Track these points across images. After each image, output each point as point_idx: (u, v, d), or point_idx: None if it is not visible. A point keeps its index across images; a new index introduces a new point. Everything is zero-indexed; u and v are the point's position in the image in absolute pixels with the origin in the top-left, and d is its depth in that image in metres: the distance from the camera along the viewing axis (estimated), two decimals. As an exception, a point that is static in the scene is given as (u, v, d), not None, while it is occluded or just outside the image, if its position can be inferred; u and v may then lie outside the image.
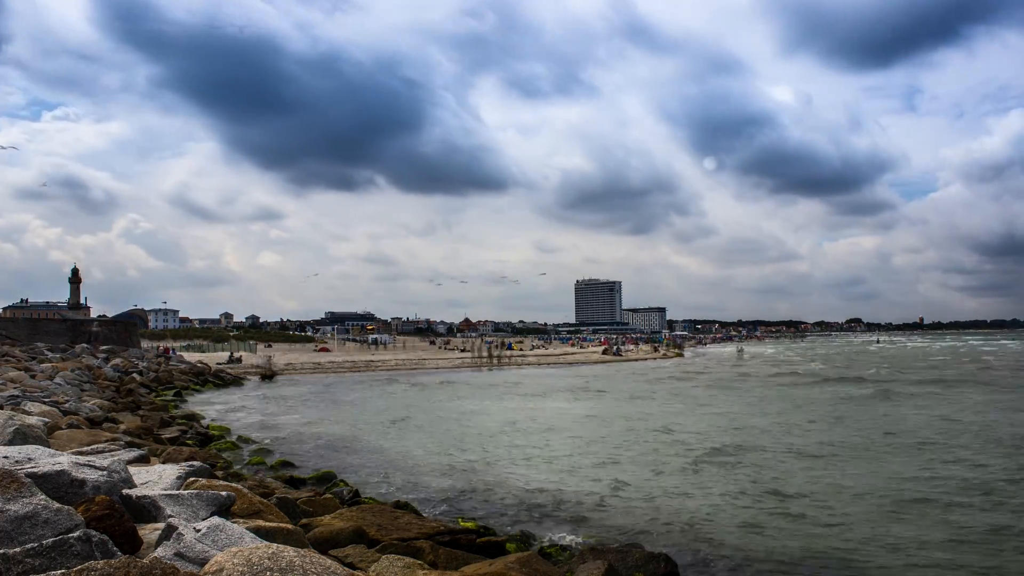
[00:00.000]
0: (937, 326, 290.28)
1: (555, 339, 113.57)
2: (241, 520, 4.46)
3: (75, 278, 68.02)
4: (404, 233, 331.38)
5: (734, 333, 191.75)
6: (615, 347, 67.76)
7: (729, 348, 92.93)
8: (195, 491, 4.56)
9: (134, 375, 26.18)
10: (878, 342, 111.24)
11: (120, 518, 3.51)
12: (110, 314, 66.70)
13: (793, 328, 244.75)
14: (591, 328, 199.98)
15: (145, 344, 53.87)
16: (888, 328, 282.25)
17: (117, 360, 30.42)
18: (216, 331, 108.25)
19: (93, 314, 62.99)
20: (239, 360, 45.38)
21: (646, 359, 57.76)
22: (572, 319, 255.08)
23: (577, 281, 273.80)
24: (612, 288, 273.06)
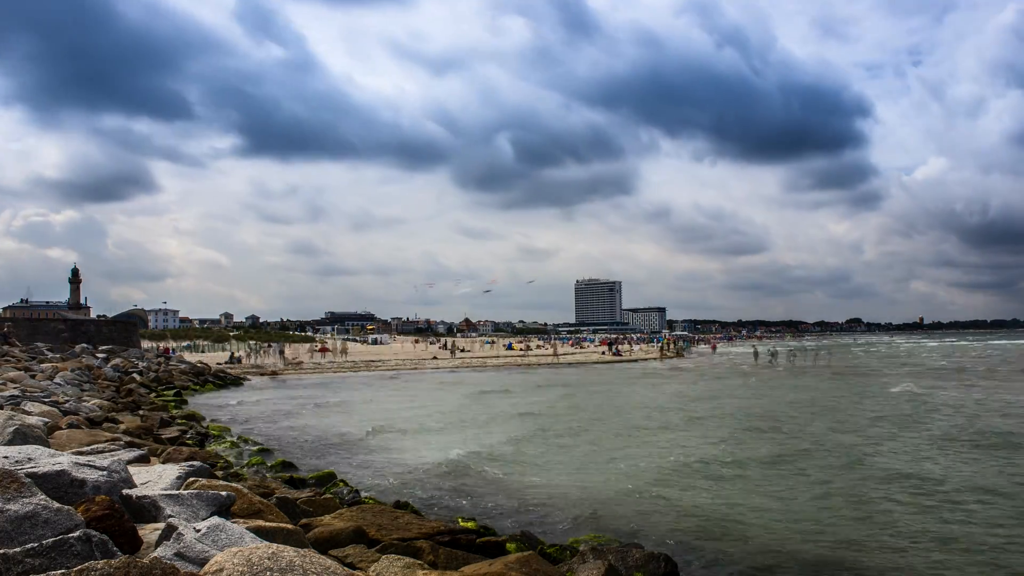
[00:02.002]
0: (937, 326, 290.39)
1: (555, 339, 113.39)
2: (241, 520, 4.46)
3: (75, 278, 68.13)
4: (298, 217, 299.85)
5: (734, 333, 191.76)
6: (614, 348, 67.60)
7: (737, 349, 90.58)
8: (195, 491, 4.57)
9: (134, 375, 26.17)
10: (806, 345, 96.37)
11: (120, 518, 3.52)
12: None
13: (793, 328, 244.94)
14: (591, 328, 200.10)
15: (145, 344, 53.87)
16: (888, 328, 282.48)
17: (117, 360, 30.41)
18: (216, 331, 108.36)
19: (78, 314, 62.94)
20: (239, 360, 45.46)
21: (647, 359, 57.65)
22: (572, 319, 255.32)
23: (577, 281, 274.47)
24: (612, 288, 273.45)
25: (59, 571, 2.73)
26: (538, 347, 77.50)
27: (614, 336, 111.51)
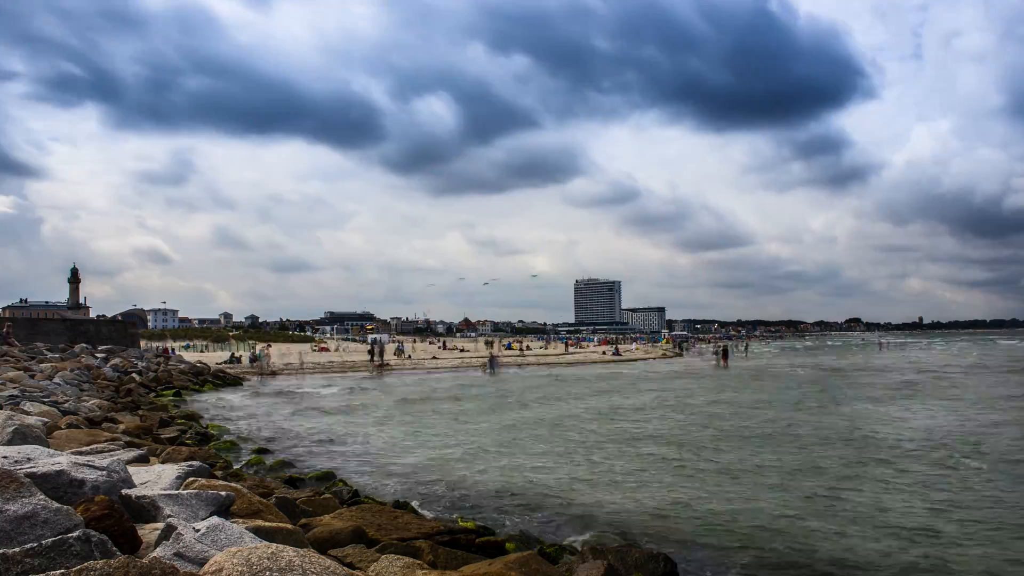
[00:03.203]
0: (936, 326, 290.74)
1: (554, 339, 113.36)
2: (240, 520, 4.46)
3: (74, 278, 68.16)
4: (207, 206, 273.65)
5: (733, 333, 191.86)
6: (614, 347, 67.60)
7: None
8: (194, 491, 4.57)
9: (133, 375, 26.16)
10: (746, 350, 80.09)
11: (119, 518, 3.52)
12: None
13: (792, 328, 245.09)
14: (591, 328, 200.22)
15: (144, 344, 53.84)
16: (888, 328, 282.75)
17: (116, 360, 30.38)
18: (216, 331, 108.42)
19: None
20: (239, 360, 45.43)
21: (647, 358, 57.66)
22: (571, 318, 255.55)
23: (577, 281, 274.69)
24: (612, 288, 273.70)
25: (58, 571, 2.73)
26: (540, 347, 77.55)
27: (614, 336, 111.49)
